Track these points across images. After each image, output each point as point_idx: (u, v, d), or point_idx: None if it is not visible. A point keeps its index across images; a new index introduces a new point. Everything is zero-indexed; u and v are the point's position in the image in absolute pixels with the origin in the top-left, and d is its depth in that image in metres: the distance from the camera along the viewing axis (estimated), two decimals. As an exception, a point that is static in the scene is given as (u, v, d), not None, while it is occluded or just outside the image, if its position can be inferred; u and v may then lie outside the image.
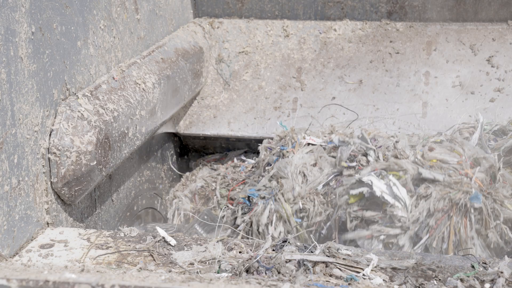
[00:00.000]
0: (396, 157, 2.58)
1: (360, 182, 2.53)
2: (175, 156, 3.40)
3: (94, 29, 2.42)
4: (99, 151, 2.23)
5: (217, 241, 2.08)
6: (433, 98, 3.22)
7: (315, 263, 1.96)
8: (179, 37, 3.19)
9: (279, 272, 1.90)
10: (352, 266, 1.97)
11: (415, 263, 2.02)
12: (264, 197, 2.71)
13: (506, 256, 1.99)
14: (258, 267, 1.89)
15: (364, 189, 2.49)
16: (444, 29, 3.35)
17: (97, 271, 1.59)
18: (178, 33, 3.22)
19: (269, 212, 2.66)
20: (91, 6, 2.40)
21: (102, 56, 2.48)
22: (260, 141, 3.18)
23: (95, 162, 2.20)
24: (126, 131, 2.44)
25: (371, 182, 2.47)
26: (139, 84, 2.61)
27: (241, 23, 3.53)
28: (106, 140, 2.28)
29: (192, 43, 3.26)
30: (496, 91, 3.15)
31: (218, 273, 1.90)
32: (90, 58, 2.39)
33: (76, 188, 2.20)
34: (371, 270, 1.96)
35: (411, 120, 3.19)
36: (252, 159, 3.37)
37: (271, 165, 2.80)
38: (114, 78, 2.49)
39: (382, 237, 2.46)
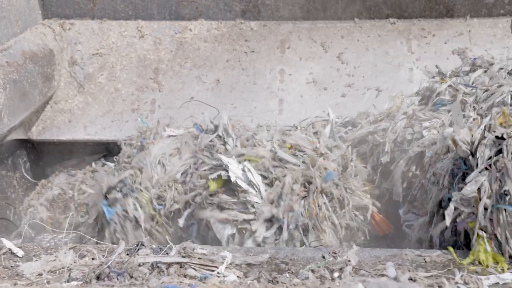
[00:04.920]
0: (254, 146, 2.65)
1: (218, 166, 2.55)
2: (28, 163, 3.25)
3: None
4: None
5: (68, 249, 2.01)
6: (288, 95, 3.29)
7: (170, 265, 1.93)
8: (27, 39, 3.05)
9: (131, 277, 1.86)
10: (207, 265, 1.96)
11: (269, 257, 2.05)
12: (121, 190, 2.69)
13: (353, 245, 2.07)
14: (109, 273, 1.84)
15: (222, 172, 2.51)
16: (296, 27, 3.43)
17: None
18: (26, 35, 3.09)
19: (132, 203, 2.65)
20: None
21: None
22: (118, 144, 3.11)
23: None
24: (-33, 139, 2.30)
25: (228, 166, 2.50)
26: (-19, 89, 2.47)
27: (93, 24, 3.43)
28: None
29: (41, 45, 3.13)
30: (347, 86, 3.27)
31: (68, 282, 1.83)
32: None
33: None
34: (226, 267, 1.96)
35: (269, 117, 3.24)
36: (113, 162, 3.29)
37: (130, 157, 2.83)
38: (-49, 84, 2.34)
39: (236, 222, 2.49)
